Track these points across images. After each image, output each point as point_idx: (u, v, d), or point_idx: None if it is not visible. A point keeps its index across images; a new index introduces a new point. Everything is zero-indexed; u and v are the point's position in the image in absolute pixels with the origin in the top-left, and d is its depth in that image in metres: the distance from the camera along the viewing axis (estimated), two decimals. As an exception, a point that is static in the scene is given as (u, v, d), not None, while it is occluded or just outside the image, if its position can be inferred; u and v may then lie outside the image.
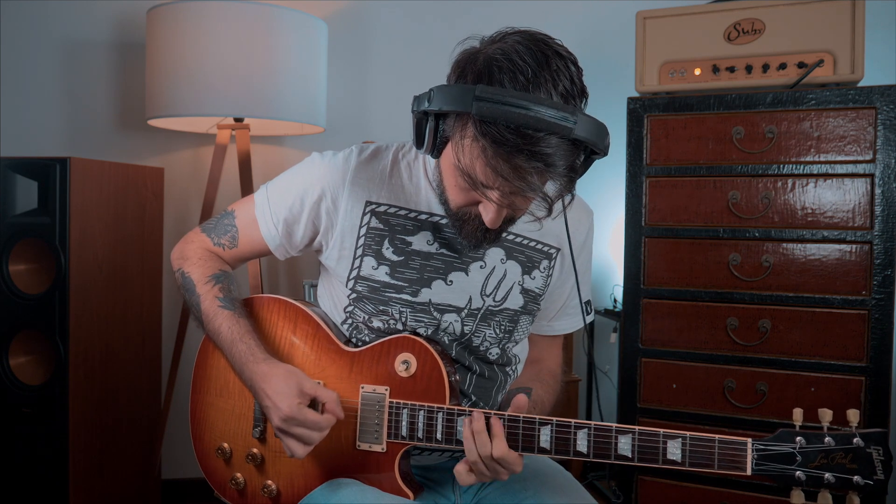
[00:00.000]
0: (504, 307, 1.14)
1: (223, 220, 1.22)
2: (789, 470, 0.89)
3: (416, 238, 1.11)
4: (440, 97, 0.90)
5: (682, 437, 0.92)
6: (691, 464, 0.92)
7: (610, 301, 2.38)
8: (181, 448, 2.43)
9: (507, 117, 0.84)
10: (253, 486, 1.15)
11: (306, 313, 1.17)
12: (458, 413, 1.02)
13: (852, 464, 0.87)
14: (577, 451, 0.96)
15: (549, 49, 0.90)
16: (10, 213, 1.86)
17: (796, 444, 0.89)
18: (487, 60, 0.90)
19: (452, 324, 1.12)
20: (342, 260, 1.13)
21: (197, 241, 1.22)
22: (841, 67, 1.68)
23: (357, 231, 1.11)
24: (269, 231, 1.17)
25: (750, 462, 0.90)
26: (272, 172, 2.46)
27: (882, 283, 1.64)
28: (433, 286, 1.11)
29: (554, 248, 1.18)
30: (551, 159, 0.87)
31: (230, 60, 1.93)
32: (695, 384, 1.78)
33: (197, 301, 1.16)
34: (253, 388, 1.07)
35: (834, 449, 0.88)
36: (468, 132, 0.90)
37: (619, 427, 0.95)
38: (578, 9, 2.45)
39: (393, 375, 1.08)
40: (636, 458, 0.94)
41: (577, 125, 0.85)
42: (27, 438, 1.87)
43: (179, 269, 1.20)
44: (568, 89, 0.89)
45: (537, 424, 0.97)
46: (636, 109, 1.82)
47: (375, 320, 1.12)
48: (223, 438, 1.18)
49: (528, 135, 0.85)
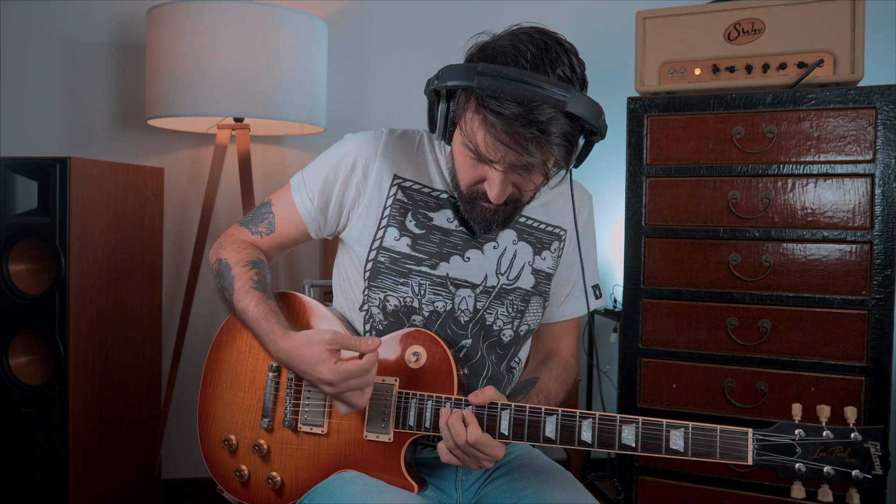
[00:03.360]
0: (517, 286, 1.19)
1: (260, 210, 1.26)
2: (789, 461, 0.90)
3: (438, 215, 1.16)
4: (446, 74, 0.99)
5: (684, 427, 0.94)
6: (694, 453, 0.93)
7: (610, 301, 2.38)
8: (181, 448, 2.44)
9: (504, 88, 0.92)
10: (257, 477, 1.16)
11: (319, 309, 1.19)
12: (466, 403, 1.03)
13: (850, 458, 0.89)
14: (581, 441, 0.98)
15: (552, 39, 0.98)
16: (10, 213, 1.86)
17: (795, 435, 0.91)
18: (495, 49, 0.99)
19: (466, 299, 1.15)
20: (366, 230, 1.16)
21: (235, 234, 1.26)
22: (841, 67, 1.68)
23: (384, 202, 1.16)
24: (304, 206, 1.19)
25: (751, 452, 0.91)
26: (272, 172, 2.47)
27: (882, 283, 1.64)
28: (451, 261, 1.15)
29: (562, 229, 1.23)
30: (545, 127, 0.93)
31: (230, 60, 1.93)
32: (695, 384, 1.78)
33: (231, 282, 1.17)
34: (287, 364, 1.08)
35: (833, 442, 0.89)
36: (471, 105, 0.98)
37: (624, 417, 0.96)
38: (578, 9, 2.45)
39: (402, 366, 1.10)
40: (640, 448, 0.95)
41: (570, 100, 0.93)
42: (27, 438, 1.87)
43: (217, 259, 1.22)
44: (567, 74, 0.96)
45: (543, 414, 0.99)
46: (636, 109, 1.82)
47: (392, 298, 1.14)
48: (230, 430, 1.19)
49: (525, 106, 0.92)
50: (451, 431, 1.00)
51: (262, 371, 1.18)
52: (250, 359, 1.20)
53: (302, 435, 1.14)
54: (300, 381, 1.15)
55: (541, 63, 0.95)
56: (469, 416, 1.01)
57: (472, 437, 0.99)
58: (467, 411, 1.01)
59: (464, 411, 1.01)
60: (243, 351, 1.21)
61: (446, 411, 1.02)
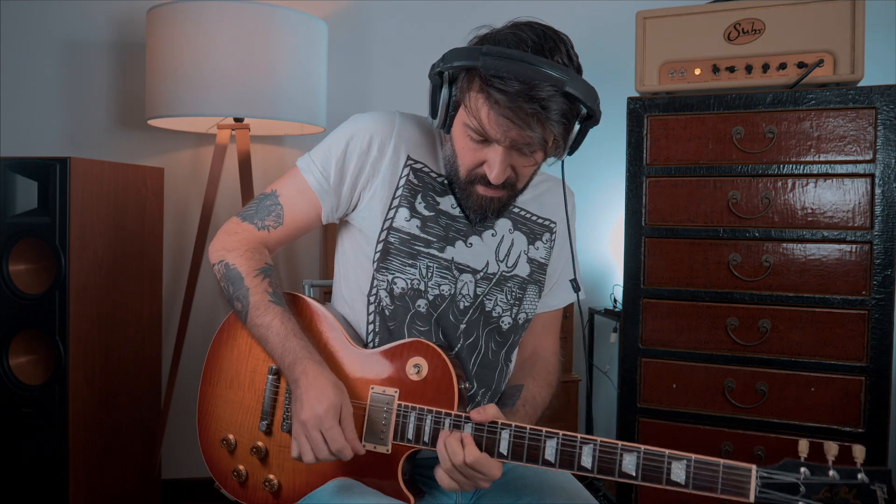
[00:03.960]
0: (515, 273, 1.22)
1: (264, 202, 1.21)
2: (792, 500, 0.88)
3: (444, 200, 1.18)
4: (451, 56, 1.02)
5: (686, 459, 0.92)
6: (695, 486, 0.92)
7: (610, 301, 2.38)
8: (181, 448, 2.44)
9: (508, 68, 0.97)
10: (255, 478, 1.16)
11: (320, 311, 1.18)
12: (466, 421, 1.03)
13: (856, 499, 0.87)
14: (581, 466, 0.97)
15: (550, 30, 1.04)
16: (10, 213, 1.86)
17: (801, 474, 0.88)
18: (497, 36, 1.04)
19: (467, 284, 1.17)
20: (377, 210, 1.16)
21: (240, 232, 1.21)
22: (841, 67, 1.68)
23: (397, 182, 1.16)
24: (321, 185, 1.16)
25: (753, 489, 0.89)
26: (272, 172, 2.47)
27: (882, 283, 1.64)
28: (457, 245, 1.18)
29: (552, 221, 1.28)
30: (546, 103, 0.98)
31: (230, 60, 1.93)
32: (695, 384, 1.78)
33: (245, 294, 1.15)
34: (297, 381, 1.06)
35: (838, 483, 0.87)
36: (475, 84, 1.02)
37: (625, 445, 0.95)
38: (578, 8, 2.45)
39: (403, 378, 1.09)
40: (640, 477, 0.94)
41: (569, 81, 0.97)
42: (27, 438, 1.87)
43: (222, 260, 1.19)
44: (564, 61, 1.02)
45: (543, 437, 0.99)
46: (636, 109, 1.82)
47: (400, 281, 1.14)
48: (229, 430, 1.19)
49: (527, 83, 0.96)
50: (449, 451, 1.00)
51: (261, 372, 1.18)
52: (251, 359, 1.20)
53: None
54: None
55: (540, 49, 1.00)
56: (467, 437, 1.00)
57: (470, 457, 0.98)
58: (465, 433, 1.01)
59: (462, 434, 1.01)
60: (244, 350, 1.21)
61: (444, 433, 1.02)
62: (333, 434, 1.02)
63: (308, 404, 1.02)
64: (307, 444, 1.03)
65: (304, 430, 1.03)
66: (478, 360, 1.18)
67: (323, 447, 1.02)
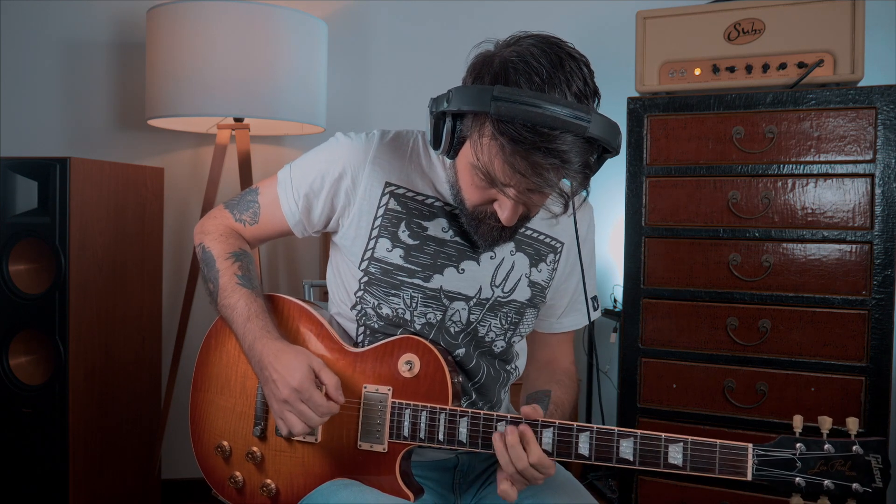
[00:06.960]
0: (512, 298, 1.16)
1: (247, 196, 1.22)
2: (789, 476, 0.90)
3: (432, 224, 1.12)
4: (459, 97, 0.93)
5: (683, 442, 0.93)
6: (692, 468, 0.92)
7: (610, 301, 2.38)
8: (181, 448, 2.44)
9: (524, 116, 0.87)
10: (252, 484, 1.15)
11: (310, 313, 1.17)
12: (461, 414, 1.02)
13: (851, 471, 0.88)
14: (578, 454, 0.97)
15: (563, 51, 0.93)
16: (10, 213, 1.86)
17: (796, 450, 0.90)
18: (503, 62, 0.92)
19: (459, 311, 1.13)
20: (357, 240, 1.13)
21: (219, 217, 1.23)
22: (841, 67, 1.68)
23: (375, 211, 1.12)
24: (289, 207, 1.16)
25: (750, 467, 0.91)
26: (272, 172, 2.45)
27: (882, 283, 1.64)
28: (445, 273, 1.12)
29: (559, 241, 1.20)
30: (567, 156, 0.89)
31: (230, 60, 1.93)
32: (695, 384, 1.78)
33: (216, 275, 1.16)
34: (261, 363, 1.06)
35: (833, 456, 0.89)
36: (486, 131, 0.92)
37: (622, 431, 0.95)
38: (578, 9, 2.45)
39: (396, 376, 1.08)
40: (637, 462, 0.94)
41: (591, 124, 0.88)
42: (27, 438, 1.87)
43: (200, 243, 1.21)
44: (581, 90, 0.92)
45: (539, 427, 0.98)
46: (636, 109, 1.82)
47: (385, 306, 1.12)
48: (223, 437, 1.18)
49: (545, 133, 0.87)
50: (512, 456, 0.95)
51: (252, 377, 1.16)
52: (240, 364, 1.18)
53: (295, 444, 1.12)
54: None
55: (557, 82, 0.90)
56: (528, 433, 0.96)
57: (535, 457, 0.95)
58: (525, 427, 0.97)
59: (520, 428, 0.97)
60: (233, 355, 1.19)
61: (500, 435, 0.97)
62: (316, 400, 1.02)
63: (281, 382, 1.02)
64: (294, 419, 1.03)
65: (287, 407, 1.03)
66: (480, 381, 1.16)
67: (312, 415, 1.02)
